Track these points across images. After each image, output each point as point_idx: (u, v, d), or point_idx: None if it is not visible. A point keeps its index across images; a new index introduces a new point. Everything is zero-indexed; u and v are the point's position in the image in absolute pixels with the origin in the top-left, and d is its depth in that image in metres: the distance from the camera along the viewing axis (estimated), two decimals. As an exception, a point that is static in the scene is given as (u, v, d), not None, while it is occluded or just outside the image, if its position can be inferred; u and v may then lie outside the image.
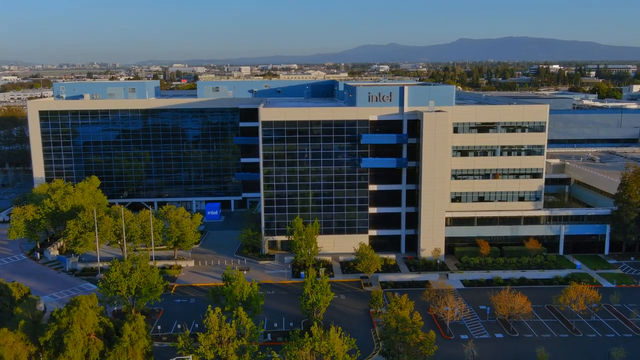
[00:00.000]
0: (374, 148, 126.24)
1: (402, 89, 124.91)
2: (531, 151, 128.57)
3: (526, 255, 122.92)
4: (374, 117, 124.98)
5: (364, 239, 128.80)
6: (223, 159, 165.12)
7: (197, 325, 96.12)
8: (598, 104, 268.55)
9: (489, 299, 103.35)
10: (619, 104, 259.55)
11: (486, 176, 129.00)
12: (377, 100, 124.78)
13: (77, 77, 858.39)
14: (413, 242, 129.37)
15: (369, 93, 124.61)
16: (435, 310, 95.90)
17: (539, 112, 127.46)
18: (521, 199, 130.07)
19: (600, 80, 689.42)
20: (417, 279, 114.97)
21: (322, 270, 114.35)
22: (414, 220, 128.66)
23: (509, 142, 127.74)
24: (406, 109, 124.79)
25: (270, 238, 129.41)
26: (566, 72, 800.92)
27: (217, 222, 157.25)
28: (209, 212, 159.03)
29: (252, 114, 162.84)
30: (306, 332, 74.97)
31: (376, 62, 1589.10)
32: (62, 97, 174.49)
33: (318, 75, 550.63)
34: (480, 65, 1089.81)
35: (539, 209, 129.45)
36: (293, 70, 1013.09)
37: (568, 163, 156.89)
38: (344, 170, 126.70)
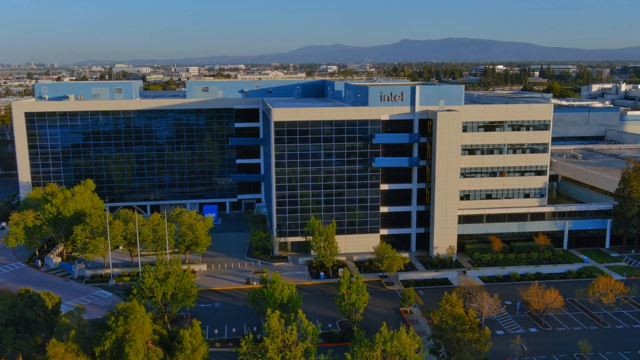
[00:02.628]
0: (385, 147, 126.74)
1: (413, 89, 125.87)
2: (536, 149, 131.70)
3: (535, 250, 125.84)
4: (385, 117, 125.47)
5: (375, 238, 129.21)
6: (218, 160, 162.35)
7: (234, 330, 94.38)
8: (564, 102, 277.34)
9: (514, 294, 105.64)
10: (584, 103, 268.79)
11: (493, 174, 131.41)
12: (388, 100, 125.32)
13: (18, 78, 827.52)
14: (423, 241, 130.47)
15: (381, 93, 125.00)
16: (469, 306, 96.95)
17: (543, 111, 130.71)
18: (526, 195, 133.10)
19: (545, 80, 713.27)
20: (437, 276, 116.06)
21: (342, 270, 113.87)
22: (424, 219, 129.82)
23: (515, 141, 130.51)
24: (417, 108, 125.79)
25: (282, 239, 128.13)
26: (511, 72, 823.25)
27: (215, 224, 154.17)
28: (206, 215, 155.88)
29: (248, 115, 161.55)
30: (359, 332, 74.43)
31: (322, 62, 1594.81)
32: (44, 98, 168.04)
33: (276, 76, 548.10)
34: (425, 66, 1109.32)
35: (544, 205, 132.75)
36: (242, 71, 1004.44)
37: (555, 160, 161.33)
38: (355, 170, 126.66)
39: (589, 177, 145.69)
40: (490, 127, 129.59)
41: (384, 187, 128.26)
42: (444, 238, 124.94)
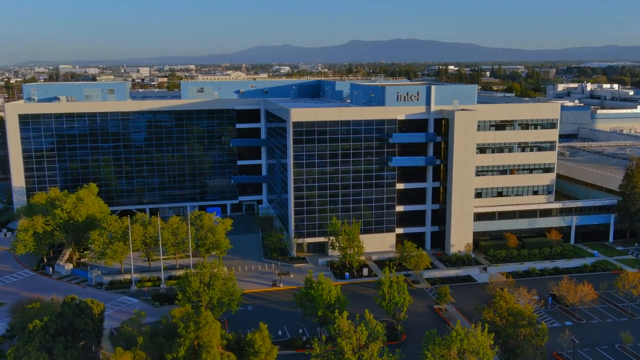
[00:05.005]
0: (401, 147, 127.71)
1: (429, 89, 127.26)
2: (543, 147, 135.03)
3: (546, 246, 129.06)
4: (401, 117, 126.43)
5: (391, 237, 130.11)
6: (218, 161, 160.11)
7: (280, 333, 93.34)
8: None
9: (539, 289, 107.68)
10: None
11: (504, 172, 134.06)
12: (404, 100, 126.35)
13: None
14: (438, 239, 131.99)
15: (398, 93, 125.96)
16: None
17: (551, 110, 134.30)
18: (535, 192, 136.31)
19: (498, 80, 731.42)
20: (460, 274, 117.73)
21: (366, 269, 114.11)
22: (439, 217, 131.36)
23: (525, 139, 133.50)
24: (433, 107, 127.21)
25: (300, 240, 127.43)
26: (463, 72, 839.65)
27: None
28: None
29: (249, 115, 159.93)
30: (429, 331, 74.70)
31: (272, 62, 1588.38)
32: (33, 99, 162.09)
33: (238, 76, 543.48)
34: (376, 66, 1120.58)
35: (552, 202, 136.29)
36: (193, 71, 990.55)
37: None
38: (372, 169, 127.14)
39: (587, 175, 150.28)
40: (500, 126, 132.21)
41: (400, 186, 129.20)
42: (461, 236, 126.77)
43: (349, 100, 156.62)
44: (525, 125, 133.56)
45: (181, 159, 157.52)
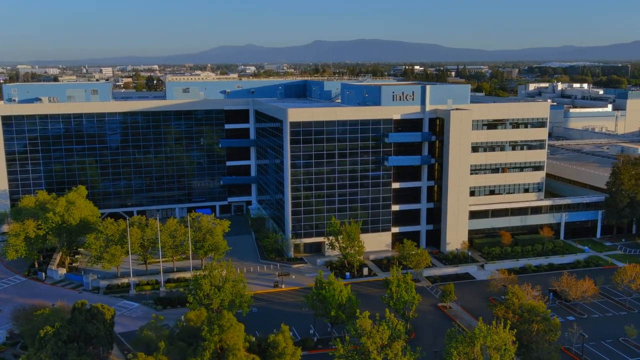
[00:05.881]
0: (397, 146, 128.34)
1: (424, 88, 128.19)
2: (534, 145, 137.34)
3: (538, 242, 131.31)
4: (397, 116, 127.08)
5: (387, 236, 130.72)
6: (207, 162, 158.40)
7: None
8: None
9: (538, 285, 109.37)
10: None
11: (496, 170, 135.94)
12: (400, 100, 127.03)
13: None
14: (433, 237, 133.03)
15: (393, 92, 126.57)
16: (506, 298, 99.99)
17: (541, 109, 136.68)
18: (526, 190, 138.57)
19: (463, 80, 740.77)
20: (459, 271, 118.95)
21: (366, 267, 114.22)
22: (433, 216, 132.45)
23: (516, 138, 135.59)
24: (427, 107, 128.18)
25: (298, 241, 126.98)
26: (429, 72, 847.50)
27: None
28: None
29: (238, 115, 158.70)
30: (451, 329, 75.20)
31: (236, 62, 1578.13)
32: (14, 100, 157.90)
33: (207, 76, 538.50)
34: (341, 66, 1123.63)
35: (542, 199, 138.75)
36: (157, 71, 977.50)
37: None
38: (368, 169, 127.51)
39: (574, 173, 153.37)
40: (492, 125, 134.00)
41: (396, 185, 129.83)
42: (456, 234, 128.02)
43: (338, 100, 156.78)
44: (515, 125, 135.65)
45: (169, 160, 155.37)
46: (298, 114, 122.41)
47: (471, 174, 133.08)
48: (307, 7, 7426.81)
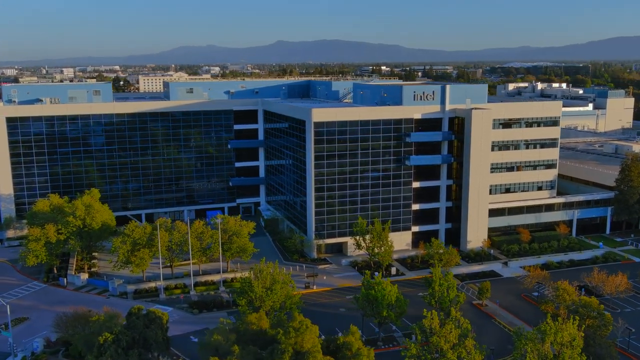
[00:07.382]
0: (417, 146, 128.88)
1: (444, 88, 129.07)
2: (547, 144, 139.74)
3: (554, 239, 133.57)
4: (417, 116, 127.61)
5: (407, 235, 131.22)
6: (216, 164, 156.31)
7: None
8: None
9: (580, 280, 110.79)
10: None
11: (511, 169, 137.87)
12: (420, 99, 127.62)
13: None
14: (452, 236, 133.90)
15: (414, 92, 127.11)
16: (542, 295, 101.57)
17: (553, 108, 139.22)
18: (539, 188, 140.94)
19: (431, 80, 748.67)
20: (484, 269, 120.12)
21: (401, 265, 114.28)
22: (452, 215, 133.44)
23: (530, 137, 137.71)
24: (447, 106, 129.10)
25: (320, 241, 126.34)
26: (396, 73, 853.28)
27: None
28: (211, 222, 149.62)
29: (247, 116, 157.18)
30: (518, 327, 75.91)
31: (198, 63, 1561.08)
32: (14, 101, 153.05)
33: (180, 77, 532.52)
34: (305, 66, 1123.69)
35: (554, 197, 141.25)
36: (119, 72, 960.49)
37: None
38: (390, 168, 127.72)
39: (580, 171, 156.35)
40: (507, 124, 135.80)
41: (416, 184, 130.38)
42: (477, 232, 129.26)
43: (347, 100, 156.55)
44: (529, 123, 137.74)
45: (177, 162, 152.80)
46: (322, 114, 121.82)
47: (490, 172, 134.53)
48: (268, 6, 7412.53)
